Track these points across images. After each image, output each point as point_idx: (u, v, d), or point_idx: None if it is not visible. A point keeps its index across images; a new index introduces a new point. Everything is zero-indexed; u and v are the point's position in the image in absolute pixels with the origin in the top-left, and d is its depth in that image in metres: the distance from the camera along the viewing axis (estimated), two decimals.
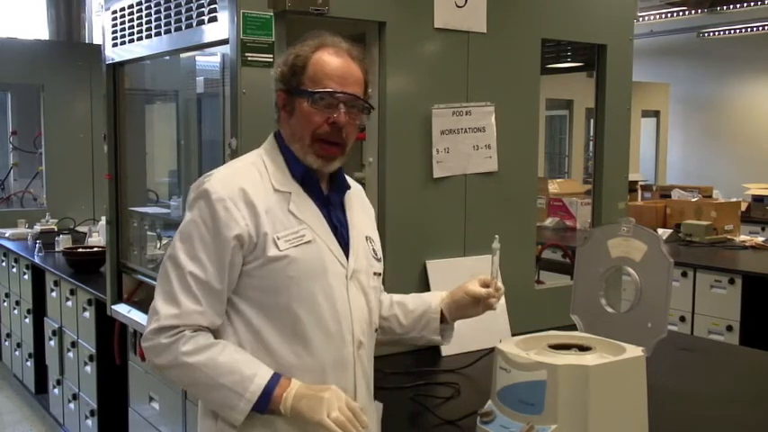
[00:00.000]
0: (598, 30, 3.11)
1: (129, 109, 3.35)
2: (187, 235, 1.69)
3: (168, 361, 1.66)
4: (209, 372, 1.64)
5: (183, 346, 1.64)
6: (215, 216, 1.67)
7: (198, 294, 1.66)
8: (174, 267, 1.68)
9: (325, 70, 1.72)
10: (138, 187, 3.41)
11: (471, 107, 2.74)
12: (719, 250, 5.45)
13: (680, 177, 10.42)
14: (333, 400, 1.63)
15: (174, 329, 1.65)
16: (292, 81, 1.75)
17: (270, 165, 1.77)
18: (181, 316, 1.66)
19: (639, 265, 2.31)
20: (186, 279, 1.66)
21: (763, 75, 11.15)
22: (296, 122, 1.75)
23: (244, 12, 2.27)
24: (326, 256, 1.73)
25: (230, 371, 1.64)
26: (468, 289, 1.94)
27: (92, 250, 4.70)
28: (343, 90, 1.72)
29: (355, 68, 1.76)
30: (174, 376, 1.71)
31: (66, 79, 6.12)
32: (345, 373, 1.75)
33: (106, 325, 3.67)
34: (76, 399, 4.32)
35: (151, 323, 1.68)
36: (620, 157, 3.24)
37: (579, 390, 1.57)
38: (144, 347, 1.71)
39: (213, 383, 1.64)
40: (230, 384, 1.63)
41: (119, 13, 3.15)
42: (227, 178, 1.72)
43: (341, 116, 1.72)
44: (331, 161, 1.77)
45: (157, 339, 1.67)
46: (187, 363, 1.64)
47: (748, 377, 2.56)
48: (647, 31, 10.57)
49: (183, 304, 1.66)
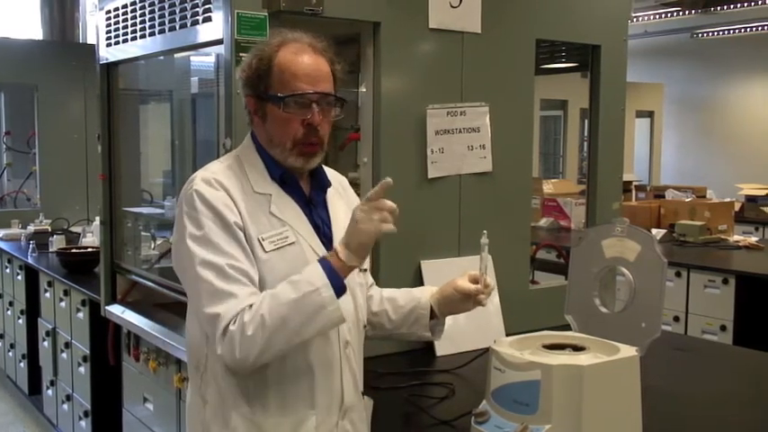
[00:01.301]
0: (592, 30, 3.11)
1: (124, 109, 3.34)
2: (204, 238, 1.66)
3: (243, 338, 1.59)
4: (277, 304, 1.60)
5: (245, 318, 1.59)
6: (216, 211, 1.67)
7: (242, 279, 1.64)
8: (208, 268, 1.63)
9: (291, 71, 1.70)
10: (133, 187, 3.40)
11: (466, 107, 2.74)
12: (713, 250, 5.46)
13: (674, 178, 10.44)
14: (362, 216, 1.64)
15: (235, 317, 1.60)
16: (260, 85, 1.73)
17: (248, 167, 1.77)
18: (240, 302, 1.61)
19: (633, 266, 2.32)
20: (226, 271, 1.63)
21: (756, 75, 11.18)
22: (272, 128, 1.74)
23: (238, 12, 2.27)
24: (310, 256, 1.73)
25: (289, 288, 1.61)
26: (457, 285, 1.93)
27: (86, 251, 4.69)
28: (314, 89, 1.70)
29: (321, 62, 1.74)
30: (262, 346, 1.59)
31: (60, 79, 6.10)
32: (332, 373, 1.75)
33: (100, 326, 3.66)
34: (70, 400, 4.31)
35: (217, 327, 1.61)
36: (615, 158, 3.24)
37: (573, 390, 1.57)
38: (223, 352, 1.61)
39: (290, 307, 1.59)
40: (301, 293, 1.60)
41: (113, 13, 3.14)
42: (210, 178, 1.71)
43: (315, 117, 1.71)
44: (312, 158, 1.76)
45: (228, 333, 1.60)
46: (258, 321, 1.58)
47: (742, 377, 2.56)
48: (641, 31, 10.59)
49: (237, 292, 1.62)
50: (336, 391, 1.76)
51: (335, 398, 1.76)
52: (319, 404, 1.73)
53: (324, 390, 1.74)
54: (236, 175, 1.75)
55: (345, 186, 1.98)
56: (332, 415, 1.75)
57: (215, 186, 1.70)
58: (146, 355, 3.13)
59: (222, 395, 1.73)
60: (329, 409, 1.75)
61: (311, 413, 1.72)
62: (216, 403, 1.74)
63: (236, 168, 1.77)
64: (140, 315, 3.10)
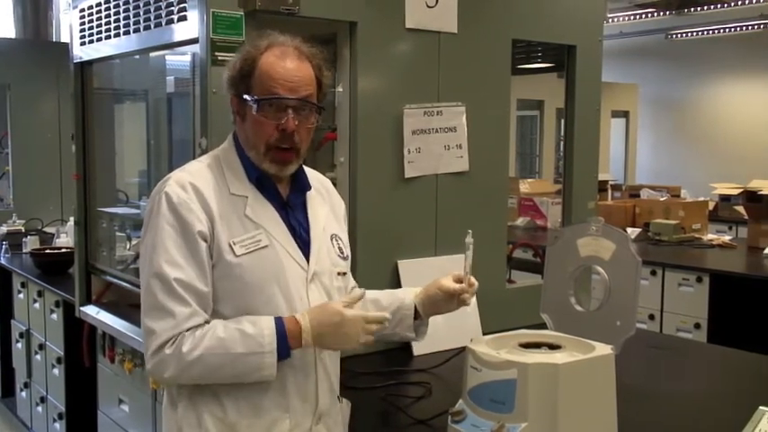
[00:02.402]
0: (568, 31, 3.13)
1: (98, 108, 3.31)
2: (161, 244, 1.65)
3: (178, 367, 1.62)
4: (220, 351, 1.62)
5: (184, 347, 1.61)
6: (180, 218, 1.66)
7: (186, 297, 1.63)
8: (156, 279, 1.64)
9: (270, 74, 1.69)
10: (108, 187, 3.37)
11: (442, 107, 2.75)
12: (687, 249, 5.52)
13: (649, 177, 10.54)
14: (353, 328, 1.67)
15: (173, 339, 1.62)
16: (241, 86, 1.72)
17: (226, 168, 1.76)
18: (177, 324, 1.62)
19: (608, 264, 2.33)
20: (171, 285, 1.63)
21: (730, 76, 11.31)
22: (249, 130, 1.74)
23: (214, 11, 2.26)
24: (285, 259, 1.72)
25: (238, 339, 1.62)
26: (441, 285, 1.94)
27: (60, 251, 4.65)
28: (291, 95, 1.69)
29: (305, 67, 1.72)
30: (192, 377, 1.65)
31: (34, 78, 6.03)
32: (306, 378, 1.74)
33: (75, 327, 3.62)
34: (45, 402, 4.27)
35: (150, 343, 1.64)
36: (590, 157, 3.26)
37: (549, 388, 1.58)
38: (151, 369, 1.65)
39: (230, 359, 1.62)
40: (246, 350, 1.62)
41: (86, 12, 3.12)
42: (183, 180, 1.70)
43: (289, 122, 1.69)
44: (286, 165, 1.75)
45: (161, 354, 1.62)
46: (195, 357, 1.61)
47: (716, 374, 2.59)
48: (616, 32, 10.68)
49: (176, 311, 1.62)
50: (311, 396, 1.75)
51: (310, 402, 1.75)
52: (293, 408, 1.73)
53: (297, 394, 1.73)
54: (213, 174, 1.74)
55: (329, 188, 1.97)
56: (306, 419, 1.75)
57: (186, 189, 1.68)
58: (121, 357, 3.11)
59: (192, 397, 1.72)
60: (303, 414, 1.74)
61: (285, 416, 1.72)
62: (187, 404, 1.73)
63: (215, 168, 1.76)
64: (115, 316, 3.08)
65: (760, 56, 10.70)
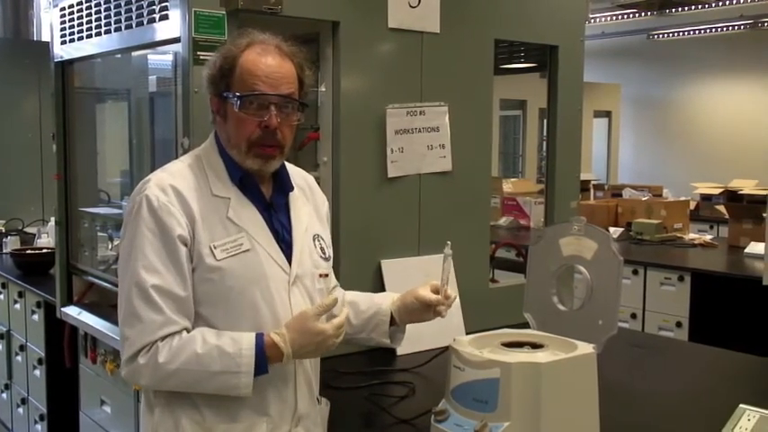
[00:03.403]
0: (550, 31, 3.14)
1: (79, 108, 3.29)
2: (139, 249, 1.63)
3: (153, 378, 1.62)
4: (197, 368, 1.61)
5: (160, 357, 1.60)
6: (160, 223, 1.64)
7: (162, 305, 1.61)
8: (134, 285, 1.63)
9: (251, 71, 1.68)
10: (89, 187, 3.35)
11: (425, 107, 2.75)
12: (669, 248, 5.56)
13: (631, 177, 10.60)
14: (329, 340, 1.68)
15: (147, 346, 1.61)
16: (221, 84, 1.71)
17: (208, 169, 1.74)
18: (150, 331, 1.61)
19: (590, 264, 2.34)
20: (148, 293, 1.61)
21: (711, 76, 11.39)
22: (230, 128, 1.72)
23: (195, 10, 2.25)
24: (266, 263, 1.71)
25: (216, 357, 1.61)
26: (418, 294, 1.92)
27: (41, 252, 4.61)
28: (273, 91, 1.68)
29: (286, 65, 1.71)
30: (167, 387, 1.66)
31: (14, 77, 5.98)
32: (285, 382, 1.73)
33: (56, 328, 3.60)
34: (26, 403, 4.24)
35: (124, 350, 1.64)
36: (572, 157, 3.28)
37: (532, 387, 1.58)
38: (125, 376, 1.66)
39: (206, 376, 1.61)
40: (222, 368, 1.61)
41: (67, 10, 3.09)
42: (164, 182, 1.68)
43: (272, 119, 1.68)
44: (270, 161, 1.73)
45: (135, 363, 1.62)
46: (171, 370, 1.60)
47: (698, 372, 2.61)
48: (598, 32, 10.72)
49: (150, 319, 1.61)
50: (290, 400, 1.74)
51: (288, 406, 1.75)
52: (271, 412, 1.72)
53: (276, 398, 1.72)
54: (195, 175, 1.72)
55: (312, 186, 1.95)
56: (284, 423, 1.74)
57: (166, 192, 1.66)
58: (103, 357, 3.09)
59: (170, 401, 1.70)
60: (281, 417, 1.73)
61: (263, 420, 1.71)
62: (164, 409, 1.72)
63: (196, 168, 1.74)
64: (97, 317, 3.05)
65: (741, 56, 10.79)
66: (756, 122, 10.82)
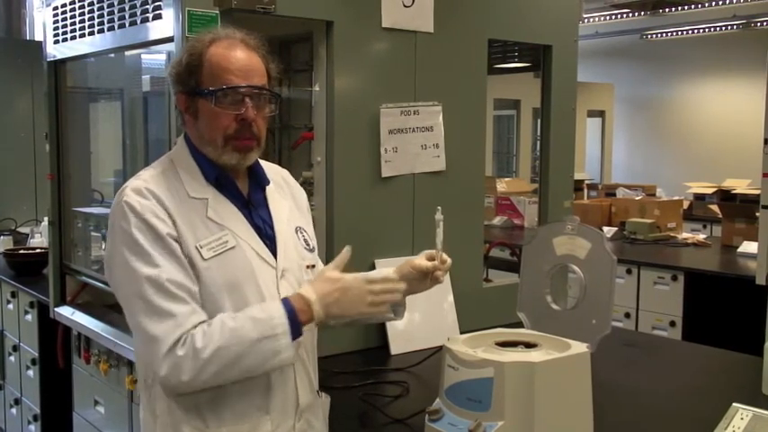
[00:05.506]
0: (544, 31, 3.15)
1: (72, 107, 3.28)
2: (137, 251, 1.60)
3: (194, 367, 1.56)
4: (235, 342, 1.57)
5: (197, 344, 1.56)
6: (148, 224, 1.61)
7: (182, 295, 1.59)
8: (147, 283, 1.58)
9: (222, 65, 1.66)
10: (83, 187, 3.34)
11: (419, 107, 2.75)
12: (663, 247, 5.57)
13: (625, 176, 10.62)
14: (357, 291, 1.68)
15: (181, 338, 1.56)
16: (190, 81, 1.68)
17: (182, 171, 1.71)
18: (180, 324, 1.57)
19: (584, 263, 2.35)
20: (165, 286, 1.58)
21: (704, 76, 11.42)
22: (204, 125, 1.69)
23: (189, 9, 2.25)
24: (253, 259, 1.69)
25: (250, 326, 1.58)
26: (414, 263, 1.90)
27: (34, 252, 4.59)
28: (247, 83, 1.66)
29: (254, 58, 1.70)
30: (208, 376, 1.57)
31: (7, 77, 5.96)
32: (285, 376, 1.73)
33: (49, 328, 3.59)
34: (19, 404, 4.22)
35: (157, 349, 1.56)
36: (566, 157, 3.28)
37: (525, 386, 1.59)
38: (166, 374, 1.56)
39: (246, 348, 1.57)
40: (259, 335, 1.58)
41: (60, 10, 3.09)
42: (140, 187, 1.65)
43: (249, 111, 1.66)
44: (248, 154, 1.71)
45: (174, 356, 1.55)
46: (211, 352, 1.55)
47: (691, 371, 2.61)
48: (591, 32, 10.74)
49: (176, 311, 1.57)
50: (291, 394, 1.74)
51: (290, 400, 1.74)
52: (274, 408, 1.71)
53: (278, 394, 1.71)
54: (168, 180, 1.68)
55: (288, 180, 1.93)
56: (288, 418, 1.73)
57: (146, 196, 1.63)
58: (96, 358, 3.08)
59: (171, 410, 1.67)
60: (284, 413, 1.73)
61: (266, 418, 1.70)
62: (166, 418, 1.69)
63: (170, 173, 1.70)
64: (91, 317, 3.05)
65: (733, 56, 10.82)
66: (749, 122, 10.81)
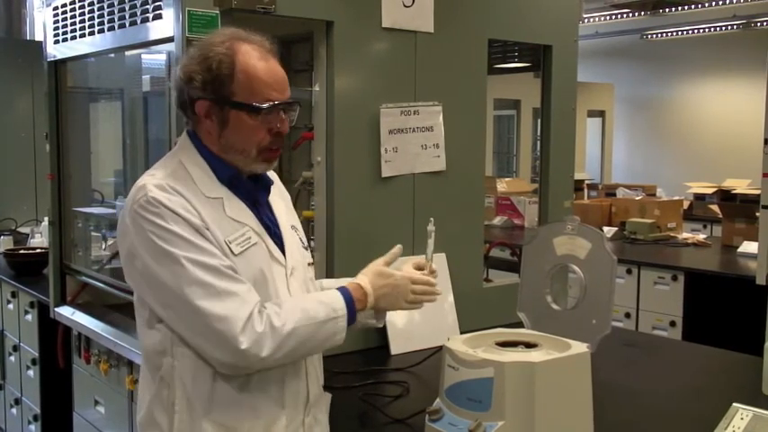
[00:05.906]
0: (544, 31, 3.15)
1: (73, 107, 3.28)
2: (179, 241, 1.58)
3: (274, 342, 1.59)
4: (308, 322, 1.65)
5: (275, 322, 1.60)
6: (179, 215, 1.60)
7: (237, 276, 1.61)
8: (198, 268, 1.57)
9: (263, 79, 1.65)
10: (83, 187, 3.34)
11: (419, 107, 2.75)
12: (663, 247, 5.57)
13: (625, 176, 10.62)
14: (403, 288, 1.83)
15: (250, 315, 1.58)
16: (221, 90, 1.65)
17: (194, 171, 1.70)
18: (245, 301, 1.59)
19: (584, 263, 2.35)
20: (219, 269, 1.59)
21: (704, 76, 11.42)
22: (234, 135, 1.68)
23: (189, 9, 2.25)
24: (269, 256, 1.71)
25: (318, 307, 1.68)
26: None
27: (34, 252, 4.59)
28: (285, 98, 1.69)
29: (280, 67, 1.71)
30: (283, 354, 1.61)
31: (7, 77, 5.96)
32: (298, 371, 1.75)
33: (49, 328, 3.59)
34: (19, 404, 4.22)
35: (232, 328, 1.56)
36: (566, 157, 3.28)
37: (525, 386, 1.59)
38: (247, 349, 1.56)
39: (316, 328, 1.66)
40: (325, 316, 1.68)
41: (60, 9, 3.09)
42: (161, 183, 1.64)
43: (285, 125, 1.70)
44: (273, 162, 1.77)
45: (253, 333, 1.57)
46: (289, 330, 1.61)
47: (691, 371, 2.61)
48: (591, 32, 10.74)
49: (237, 290, 1.59)
50: (302, 389, 1.76)
51: (302, 395, 1.76)
52: (288, 403, 1.73)
53: (291, 389, 1.73)
54: (182, 180, 1.67)
55: (277, 181, 1.93)
56: (299, 413, 1.75)
57: (171, 192, 1.62)
58: (97, 357, 3.08)
59: (191, 402, 1.66)
60: (296, 408, 1.75)
61: (282, 412, 1.71)
62: (185, 412, 1.66)
63: (181, 173, 1.69)
64: (91, 317, 3.05)
65: (734, 56, 10.81)
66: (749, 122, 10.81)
